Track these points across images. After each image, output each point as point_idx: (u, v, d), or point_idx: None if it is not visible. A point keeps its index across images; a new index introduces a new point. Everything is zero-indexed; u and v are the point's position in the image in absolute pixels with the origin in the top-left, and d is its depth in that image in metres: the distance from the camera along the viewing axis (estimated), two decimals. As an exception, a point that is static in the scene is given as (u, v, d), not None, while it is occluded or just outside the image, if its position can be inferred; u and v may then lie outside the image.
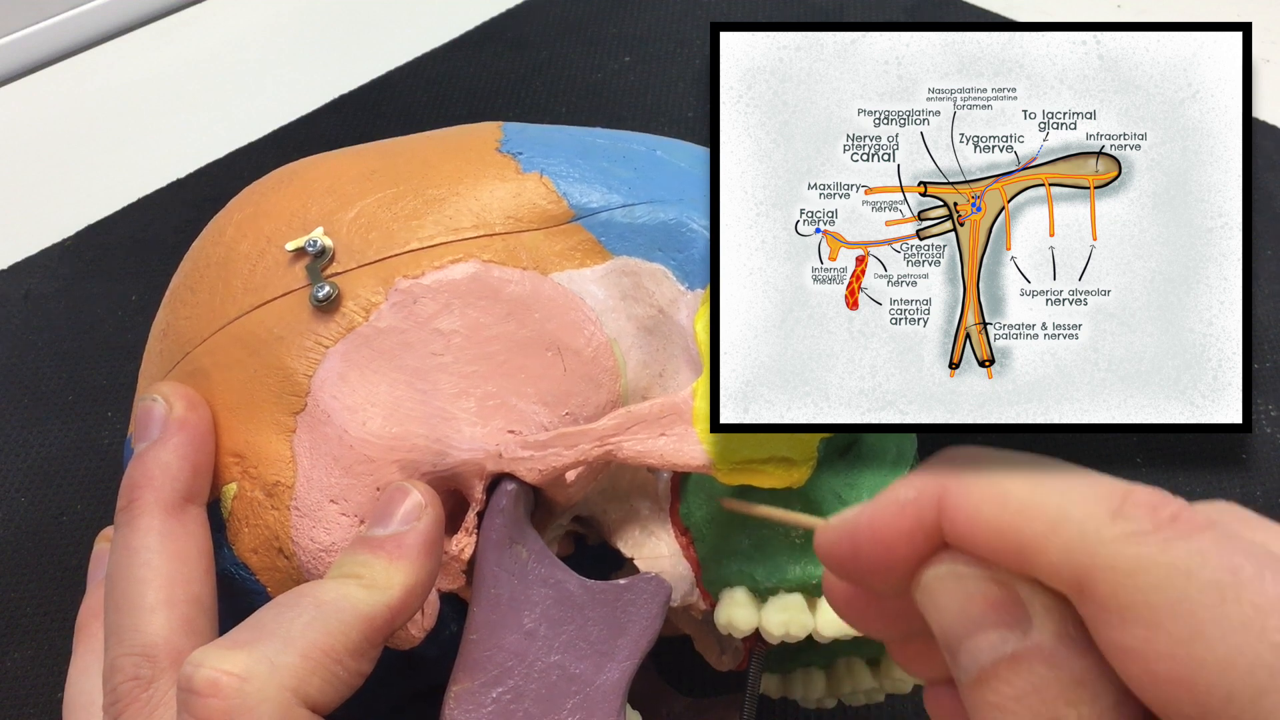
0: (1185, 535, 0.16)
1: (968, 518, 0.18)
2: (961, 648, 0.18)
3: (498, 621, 0.29)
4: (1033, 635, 0.17)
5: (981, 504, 0.18)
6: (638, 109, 0.70)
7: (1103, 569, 0.16)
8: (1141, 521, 0.16)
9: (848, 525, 0.20)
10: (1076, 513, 0.17)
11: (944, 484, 0.18)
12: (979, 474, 0.18)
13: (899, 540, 0.19)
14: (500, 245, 0.31)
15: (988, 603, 0.18)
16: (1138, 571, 0.16)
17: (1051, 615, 0.17)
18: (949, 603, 0.18)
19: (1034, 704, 0.17)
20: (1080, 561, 0.16)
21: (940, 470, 0.19)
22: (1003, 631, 0.17)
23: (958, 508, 0.18)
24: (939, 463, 0.19)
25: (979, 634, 0.18)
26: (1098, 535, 0.16)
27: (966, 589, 0.18)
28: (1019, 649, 0.17)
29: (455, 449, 0.30)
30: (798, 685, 0.35)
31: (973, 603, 0.18)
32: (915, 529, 0.19)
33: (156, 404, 0.31)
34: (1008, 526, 0.17)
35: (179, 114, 0.73)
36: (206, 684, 0.24)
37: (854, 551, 0.19)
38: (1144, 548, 0.16)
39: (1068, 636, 0.17)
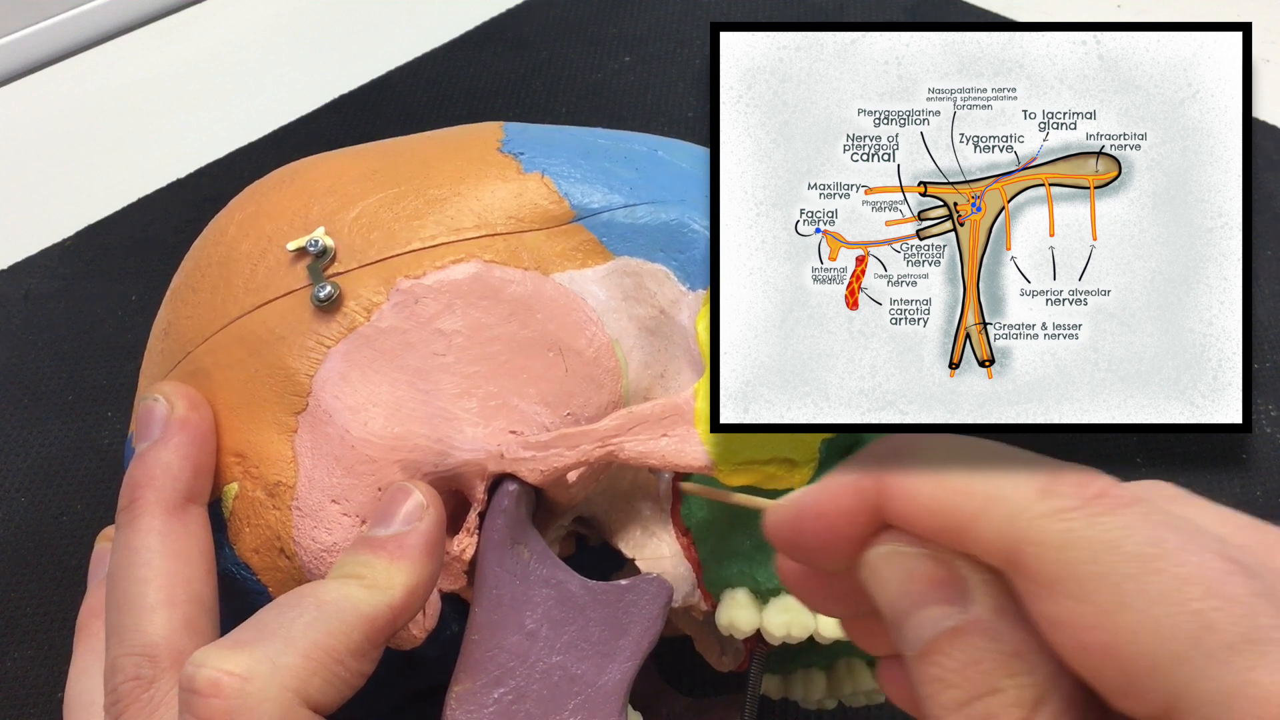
0: (1111, 510, 0.17)
1: (906, 498, 0.18)
2: (905, 623, 0.18)
3: (499, 622, 0.29)
4: (971, 610, 0.18)
5: (919, 485, 0.18)
6: (638, 109, 0.70)
7: (1032, 544, 0.17)
8: (1069, 498, 0.17)
9: (794, 507, 0.20)
10: (1008, 491, 0.17)
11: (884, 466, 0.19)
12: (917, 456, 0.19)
13: (842, 521, 0.19)
14: (502, 245, 0.31)
15: (928, 580, 0.18)
16: (1065, 546, 0.16)
17: (988, 590, 0.18)
18: (891, 580, 0.19)
19: (973, 675, 0.17)
20: (1011, 538, 0.17)
21: (881, 454, 0.19)
22: (943, 607, 0.18)
23: (897, 488, 0.19)
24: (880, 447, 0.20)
25: (921, 610, 0.18)
26: (1027, 512, 0.17)
27: (907, 567, 0.19)
28: (958, 623, 0.18)
29: (457, 449, 0.30)
30: (798, 686, 0.35)
31: (914, 580, 0.18)
32: (858, 510, 0.19)
33: (158, 404, 0.31)
34: (944, 506, 0.18)
35: (179, 114, 0.73)
36: (208, 684, 0.24)
37: (800, 532, 0.20)
38: (1071, 523, 0.17)
39: (1004, 610, 0.17)
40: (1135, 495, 0.17)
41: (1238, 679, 0.15)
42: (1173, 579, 0.16)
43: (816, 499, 0.20)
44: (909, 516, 0.18)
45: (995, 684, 0.17)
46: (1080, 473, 0.17)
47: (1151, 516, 0.16)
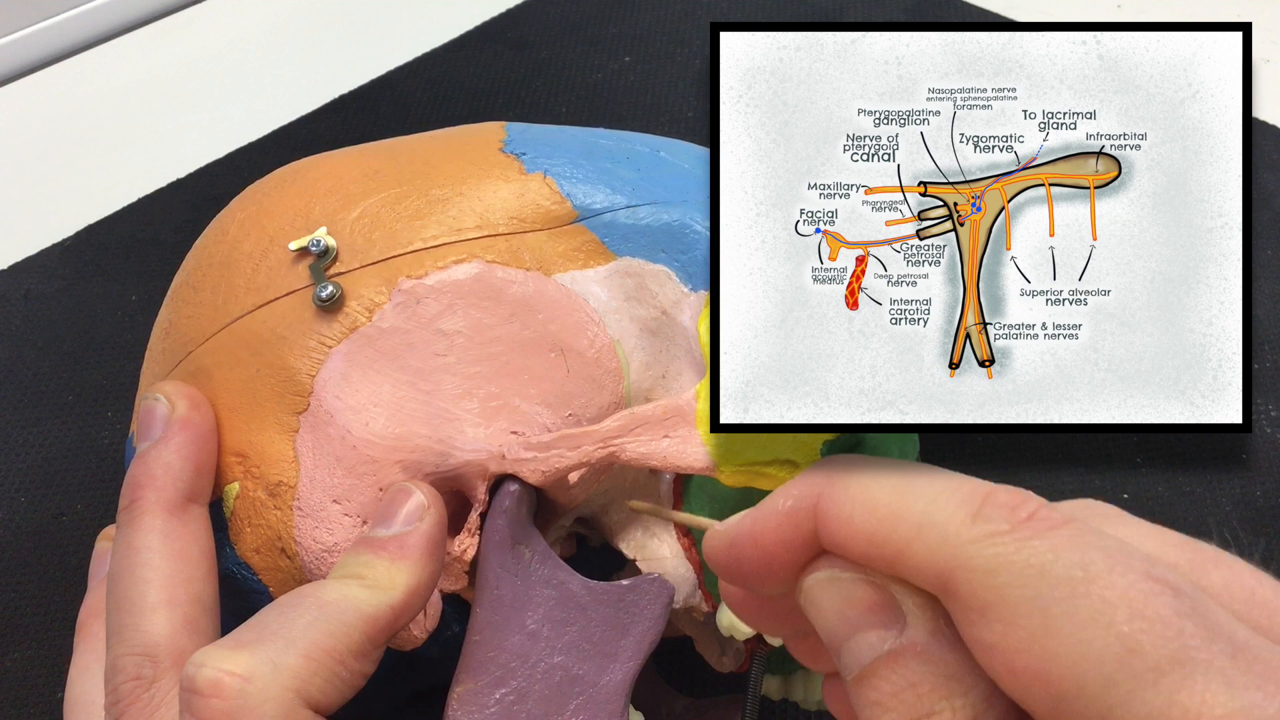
0: (1040, 533, 0.17)
1: (840, 525, 0.19)
2: (843, 648, 0.18)
3: (500, 622, 0.29)
4: (907, 634, 0.18)
5: (852, 511, 0.18)
6: (638, 109, 0.70)
7: (963, 569, 0.17)
8: (999, 522, 0.17)
9: (730, 533, 0.20)
10: (939, 516, 0.17)
11: (818, 492, 0.19)
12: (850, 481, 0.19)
13: (778, 547, 0.20)
14: (504, 246, 0.31)
15: (864, 604, 0.18)
16: (995, 570, 0.16)
17: (924, 614, 0.18)
18: (829, 606, 0.19)
19: (910, 699, 0.17)
20: (943, 563, 0.17)
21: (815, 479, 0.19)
22: (879, 631, 0.18)
23: (830, 515, 0.19)
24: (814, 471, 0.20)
25: (858, 634, 0.18)
26: (958, 537, 0.17)
27: (844, 592, 0.19)
28: (894, 647, 0.18)
29: (458, 450, 0.30)
30: (799, 687, 0.35)
31: (850, 605, 0.18)
32: (793, 536, 0.19)
33: (159, 403, 0.31)
34: (876, 532, 0.18)
35: (179, 114, 0.73)
36: (209, 684, 0.24)
37: (737, 559, 0.20)
38: (1001, 547, 0.17)
39: (940, 634, 0.18)
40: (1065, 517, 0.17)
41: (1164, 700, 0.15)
42: (1100, 601, 0.16)
43: (752, 525, 0.20)
44: (843, 543, 0.19)
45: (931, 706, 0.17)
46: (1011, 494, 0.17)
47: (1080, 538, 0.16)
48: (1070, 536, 0.17)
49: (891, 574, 0.18)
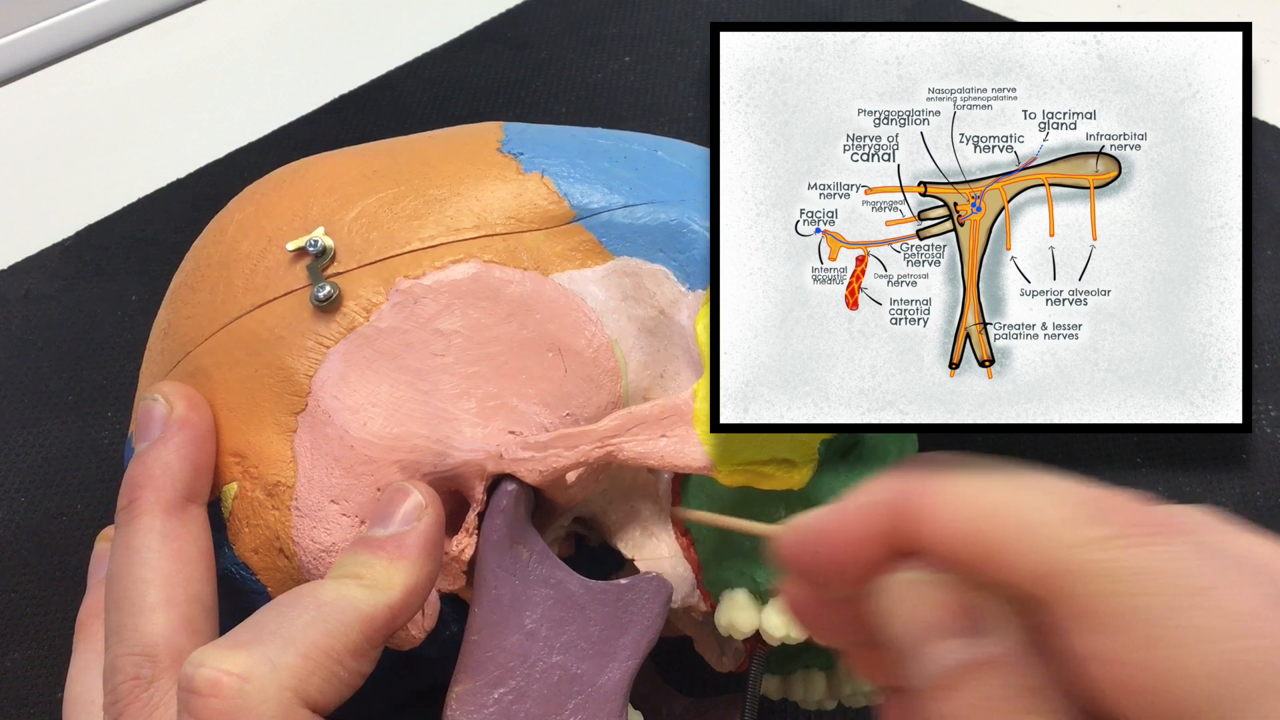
0: (1158, 541, 0.16)
1: (936, 522, 0.18)
2: (920, 654, 0.18)
3: (499, 622, 0.29)
4: (992, 643, 0.17)
5: (951, 509, 0.18)
6: (638, 109, 0.70)
7: (1071, 574, 0.16)
8: (1113, 526, 0.16)
9: (809, 528, 0.20)
10: (1047, 517, 0.17)
11: (910, 489, 0.18)
12: (948, 480, 0.18)
13: (859, 544, 0.19)
14: (501, 246, 0.31)
15: (948, 609, 0.18)
16: (1108, 577, 0.16)
17: (1013, 623, 0.17)
18: (909, 609, 0.18)
19: (990, 712, 0.16)
20: (1049, 566, 0.16)
21: (905, 476, 0.19)
22: (962, 639, 0.17)
23: (926, 512, 0.18)
24: (904, 469, 0.19)
25: (938, 641, 0.17)
26: (1066, 539, 0.16)
27: (928, 595, 0.18)
28: (978, 656, 0.17)
29: (456, 449, 0.30)
30: (798, 687, 0.35)
31: (933, 609, 0.18)
32: (878, 534, 0.19)
33: (157, 403, 0.31)
34: (976, 531, 0.17)
35: (179, 114, 0.73)
36: (207, 684, 0.24)
37: (814, 555, 0.20)
38: (1114, 552, 0.16)
39: (1027, 645, 0.17)
40: (1182, 524, 0.16)
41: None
42: (1217, 616, 0.15)
43: (834, 521, 0.19)
44: (938, 542, 0.18)
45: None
46: (1124, 499, 0.17)
47: (1200, 550, 0.16)
48: (1190, 547, 0.16)
49: (985, 577, 0.17)
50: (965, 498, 0.18)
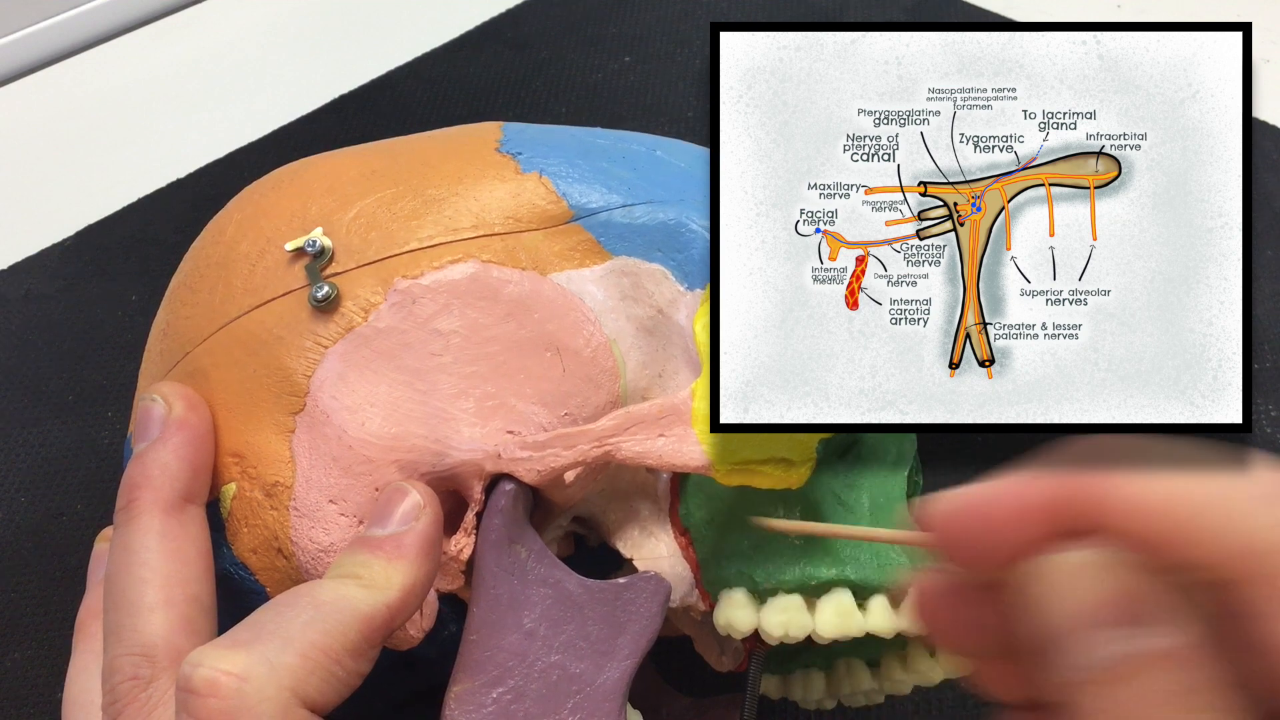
0: None
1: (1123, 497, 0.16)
2: (1077, 644, 0.16)
3: (497, 621, 0.29)
4: (1166, 633, 0.16)
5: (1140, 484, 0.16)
6: (638, 109, 0.70)
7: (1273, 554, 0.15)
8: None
9: (967, 499, 0.18)
10: (1244, 494, 0.15)
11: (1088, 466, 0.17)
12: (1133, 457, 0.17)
13: (1021, 518, 0.17)
14: (499, 245, 0.31)
15: (1116, 595, 0.16)
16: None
17: (1197, 613, 0.16)
18: (1069, 593, 0.16)
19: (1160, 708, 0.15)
20: (1246, 545, 0.15)
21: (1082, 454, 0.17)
22: (1129, 628, 0.16)
23: (1112, 487, 0.17)
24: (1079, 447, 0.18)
25: (1100, 629, 0.16)
26: (1267, 519, 0.15)
27: (1092, 578, 0.16)
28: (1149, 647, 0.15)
29: (454, 449, 0.30)
30: (797, 686, 0.35)
31: (1098, 594, 0.16)
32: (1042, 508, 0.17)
33: (156, 404, 0.31)
34: (1167, 507, 0.16)
35: (179, 114, 0.73)
36: (205, 683, 0.24)
37: (960, 528, 0.18)
38: None
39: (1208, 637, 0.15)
40: None
41: None
42: None
43: (993, 494, 0.18)
44: (1121, 518, 0.16)
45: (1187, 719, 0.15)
46: None
47: None
48: None
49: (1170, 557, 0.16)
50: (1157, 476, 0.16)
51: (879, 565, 0.30)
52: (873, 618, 0.30)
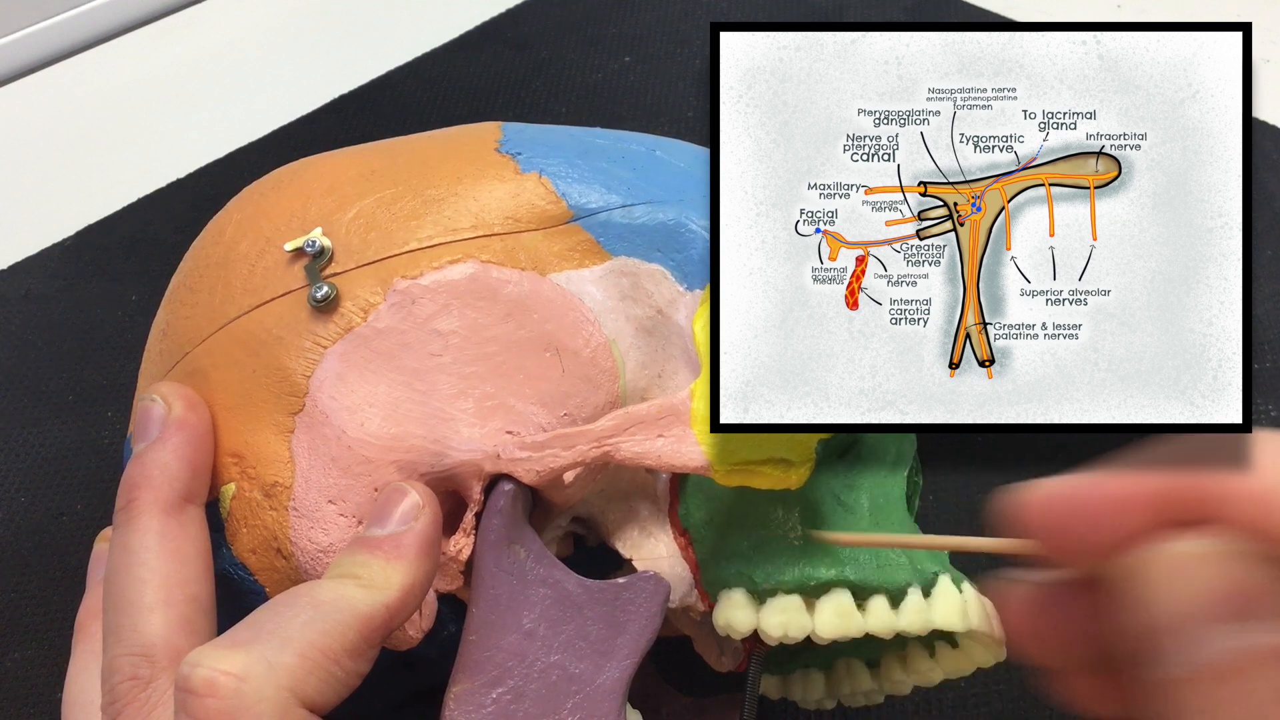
0: None
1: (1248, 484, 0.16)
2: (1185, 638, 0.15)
3: (497, 622, 0.29)
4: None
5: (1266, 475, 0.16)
6: (638, 109, 0.70)
7: None
8: None
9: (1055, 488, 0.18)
10: None
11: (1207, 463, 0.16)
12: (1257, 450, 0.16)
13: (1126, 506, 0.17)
14: (499, 246, 0.31)
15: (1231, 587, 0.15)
16: None
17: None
18: (1178, 585, 0.16)
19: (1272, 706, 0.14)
20: None
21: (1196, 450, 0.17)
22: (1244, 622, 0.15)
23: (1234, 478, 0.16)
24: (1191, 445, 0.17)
25: (1212, 623, 0.15)
26: None
27: (1205, 570, 0.16)
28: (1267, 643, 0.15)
29: (453, 450, 0.30)
30: (797, 686, 0.35)
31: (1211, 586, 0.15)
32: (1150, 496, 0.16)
33: (155, 404, 0.31)
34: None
35: (179, 114, 0.73)
36: (204, 684, 0.24)
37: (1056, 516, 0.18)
38: None
39: None
40: None
41: None
42: None
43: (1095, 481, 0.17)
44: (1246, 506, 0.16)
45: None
46: None
47: None
48: None
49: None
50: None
51: (878, 566, 0.30)
52: (872, 618, 0.30)
